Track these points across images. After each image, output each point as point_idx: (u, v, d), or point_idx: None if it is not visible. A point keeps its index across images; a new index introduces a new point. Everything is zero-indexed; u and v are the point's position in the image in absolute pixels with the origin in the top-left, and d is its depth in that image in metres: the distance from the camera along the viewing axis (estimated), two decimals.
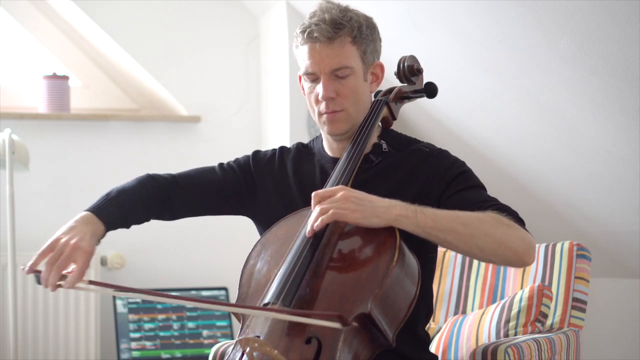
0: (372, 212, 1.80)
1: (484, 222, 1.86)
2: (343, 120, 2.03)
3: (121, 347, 3.71)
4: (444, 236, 1.83)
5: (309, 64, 2.00)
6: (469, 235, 1.84)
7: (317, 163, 2.12)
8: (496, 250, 1.86)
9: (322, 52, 1.99)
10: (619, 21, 2.59)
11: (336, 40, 1.99)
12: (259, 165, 2.17)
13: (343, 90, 2.01)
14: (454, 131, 3.65)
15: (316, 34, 1.98)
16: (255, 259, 1.97)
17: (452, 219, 1.84)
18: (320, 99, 2.01)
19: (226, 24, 4.10)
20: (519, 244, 1.88)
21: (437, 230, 1.82)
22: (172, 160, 4.03)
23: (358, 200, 1.80)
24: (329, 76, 2.00)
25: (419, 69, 2.17)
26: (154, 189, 2.09)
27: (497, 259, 1.89)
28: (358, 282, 1.78)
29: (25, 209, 3.75)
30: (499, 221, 1.87)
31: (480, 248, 1.85)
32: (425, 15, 3.20)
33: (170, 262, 3.99)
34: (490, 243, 1.85)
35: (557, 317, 2.46)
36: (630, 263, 3.57)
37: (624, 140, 3.03)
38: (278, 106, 3.98)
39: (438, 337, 2.51)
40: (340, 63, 2.00)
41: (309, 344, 1.72)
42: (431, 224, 1.82)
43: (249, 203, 2.15)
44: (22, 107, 3.93)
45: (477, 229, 1.84)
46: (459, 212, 1.87)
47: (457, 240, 1.84)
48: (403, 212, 1.81)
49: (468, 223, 1.84)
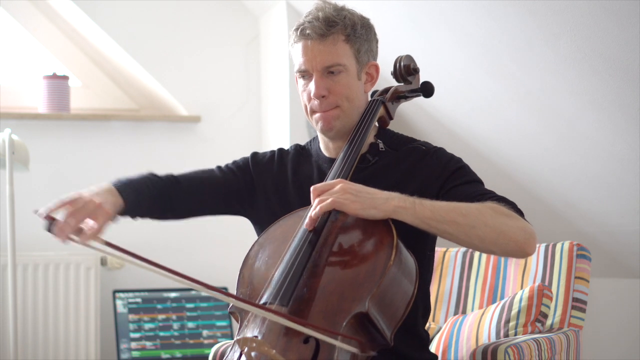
0: (370, 203, 1.80)
1: (483, 212, 1.85)
2: (336, 118, 2.03)
3: (121, 347, 3.71)
4: (444, 227, 1.83)
5: (302, 61, 2.01)
6: (469, 226, 1.83)
7: (314, 164, 2.13)
8: (496, 240, 1.85)
9: (315, 49, 1.99)
10: (619, 21, 2.59)
11: (329, 37, 1.99)
12: (257, 167, 2.17)
13: (335, 87, 2.01)
14: (454, 131, 3.65)
15: (308, 31, 1.99)
16: (253, 259, 1.97)
17: (451, 210, 1.84)
18: (312, 97, 2.01)
19: (226, 24, 4.10)
20: (519, 234, 1.87)
21: (436, 221, 1.83)
22: (172, 160, 4.03)
23: (356, 192, 1.81)
24: (321, 73, 2.00)
25: (415, 69, 2.17)
26: (158, 186, 2.08)
27: (498, 249, 1.88)
28: (355, 282, 1.78)
29: (25, 209, 3.73)
30: (498, 211, 1.87)
31: (481, 238, 1.84)
32: (425, 15, 3.20)
33: (170, 262, 3.95)
34: (490, 233, 1.85)
35: (557, 317, 2.46)
36: (630, 263, 3.57)
37: (624, 140, 3.03)
38: (278, 106, 3.98)
39: (438, 337, 2.51)
40: (333, 60, 2.00)
41: (307, 343, 1.72)
42: (429, 214, 1.82)
43: (248, 204, 2.15)
44: (22, 107, 3.93)
45: (477, 219, 1.84)
46: (458, 203, 1.87)
47: (456, 230, 1.83)
48: (401, 204, 1.82)
49: (467, 213, 1.84)
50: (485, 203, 1.88)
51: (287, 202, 2.08)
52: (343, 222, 1.88)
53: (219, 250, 4.03)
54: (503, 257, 2.29)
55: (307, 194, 1.87)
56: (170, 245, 3.98)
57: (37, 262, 3.72)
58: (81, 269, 3.76)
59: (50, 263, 3.74)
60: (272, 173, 2.15)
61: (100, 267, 3.85)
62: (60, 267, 3.74)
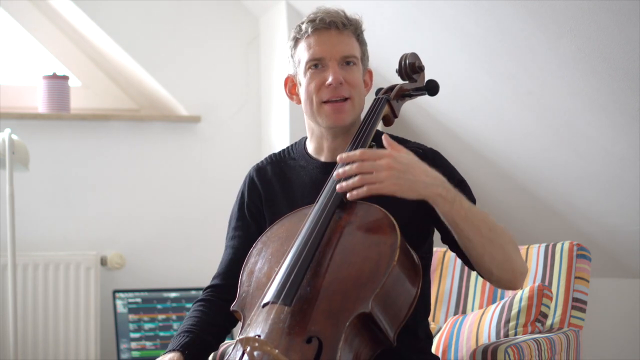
0: (410, 186, 1.79)
1: (504, 234, 1.90)
2: (348, 110, 2.01)
3: (121, 347, 3.71)
4: (468, 231, 1.85)
5: (318, 50, 2.00)
6: (489, 240, 1.87)
7: (302, 170, 2.10)
8: (502, 265, 1.90)
9: (334, 39, 2.00)
10: (619, 21, 2.59)
11: (348, 29, 2.02)
12: (249, 201, 2.14)
13: (351, 78, 2.01)
14: (454, 131, 3.65)
15: (331, 20, 1.99)
16: (256, 257, 1.97)
17: (482, 219, 1.87)
18: (329, 84, 1.99)
19: (226, 24, 4.10)
20: (521, 269, 1.94)
21: (465, 223, 1.85)
22: (172, 160, 4.03)
23: (400, 173, 1.79)
24: (338, 62, 2.00)
25: (421, 67, 2.16)
26: (212, 320, 2.07)
27: (497, 273, 1.92)
28: (359, 281, 1.77)
29: (25, 209, 3.75)
30: (512, 242, 1.93)
31: (492, 256, 1.89)
32: (425, 15, 3.20)
33: (170, 262, 3.99)
34: (501, 255, 1.89)
35: (557, 317, 2.46)
36: (630, 263, 3.57)
37: (624, 140, 3.03)
38: (278, 106, 3.98)
39: (438, 337, 2.51)
40: (350, 51, 2.01)
41: (310, 343, 1.72)
42: (463, 215, 1.84)
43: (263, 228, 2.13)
44: (22, 107, 3.93)
45: (498, 238, 1.88)
46: (488, 215, 1.90)
47: (477, 239, 1.86)
48: (444, 194, 1.82)
49: (493, 229, 1.88)
50: (506, 230, 1.93)
51: (281, 216, 2.05)
52: (347, 221, 1.88)
53: (219, 250, 4.02)
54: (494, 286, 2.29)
55: (301, 205, 1.90)
56: (171, 245, 3.99)
57: (37, 262, 3.72)
58: (81, 269, 3.76)
59: (50, 263, 3.74)
60: (260, 196, 2.13)
61: (100, 267, 3.85)
62: (60, 267, 3.74)
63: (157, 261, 3.97)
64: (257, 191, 2.14)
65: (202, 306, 2.09)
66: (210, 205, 4.02)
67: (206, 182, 4.06)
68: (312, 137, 2.11)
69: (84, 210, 3.89)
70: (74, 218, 3.87)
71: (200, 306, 2.10)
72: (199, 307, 2.09)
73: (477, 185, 3.70)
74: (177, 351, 1.97)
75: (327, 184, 1.95)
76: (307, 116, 2.08)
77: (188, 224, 4.04)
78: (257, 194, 2.13)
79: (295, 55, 2.06)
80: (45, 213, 3.83)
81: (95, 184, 3.91)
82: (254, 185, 2.14)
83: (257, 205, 2.13)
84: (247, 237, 2.11)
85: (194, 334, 2.01)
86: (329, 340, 1.71)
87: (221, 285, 2.12)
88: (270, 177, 2.13)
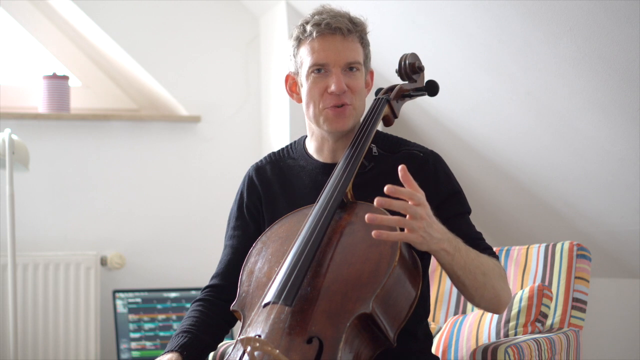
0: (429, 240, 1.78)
1: (494, 274, 1.94)
2: (350, 116, 2.01)
3: (121, 347, 3.71)
4: (464, 278, 1.89)
5: (322, 55, 1.98)
6: (482, 284, 1.91)
7: (302, 170, 2.10)
8: (491, 300, 1.95)
9: (339, 45, 1.98)
10: (619, 21, 2.59)
11: (353, 34, 2.00)
12: (248, 201, 2.14)
13: (354, 84, 2.00)
14: (454, 131, 3.65)
15: (336, 25, 1.97)
16: (255, 257, 1.97)
17: (477, 267, 1.90)
18: (331, 91, 1.98)
19: (226, 24, 4.10)
20: (506, 299, 1.99)
21: (462, 271, 1.87)
22: (172, 160, 4.03)
23: (427, 226, 1.76)
24: (342, 69, 1.99)
25: (421, 67, 2.16)
26: (212, 320, 2.08)
27: (484, 305, 1.98)
28: (360, 282, 1.77)
29: (25, 209, 3.75)
30: (501, 275, 1.96)
31: (482, 296, 1.93)
32: (426, 15, 3.20)
33: (170, 262, 3.99)
34: (491, 294, 1.94)
35: (557, 317, 2.46)
36: (630, 263, 3.57)
37: (624, 140, 3.03)
38: (278, 106, 3.98)
39: (438, 337, 2.51)
40: (354, 57, 2.00)
41: (310, 343, 1.72)
42: (462, 264, 1.87)
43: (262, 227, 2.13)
44: (22, 107, 3.93)
45: (490, 280, 1.92)
46: (483, 258, 1.93)
47: (470, 284, 1.90)
48: (447, 249, 1.83)
49: (486, 273, 1.91)
50: (494, 261, 1.97)
51: (280, 216, 2.05)
52: (348, 221, 1.88)
53: (219, 250, 4.02)
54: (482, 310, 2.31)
55: (300, 205, 1.91)
56: (171, 245, 3.98)
57: (37, 262, 3.72)
58: (81, 269, 3.76)
59: (50, 263, 3.74)
60: (260, 196, 2.13)
61: (100, 267, 3.85)
62: (60, 267, 3.74)
63: (157, 261, 3.97)
64: (256, 191, 2.14)
65: (200, 306, 2.09)
66: (210, 205, 4.02)
67: (206, 182, 4.06)
68: (312, 137, 2.11)
69: (83, 210, 3.89)
70: (74, 218, 3.87)
71: (199, 306, 2.09)
72: (198, 307, 2.09)
73: (477, 185, 3.70)
74: (175, 352, 1.96)
75: (327, 184, 1.95)
76: (308, 118, 2.07)
77: (188, 223, 4.04)
78: (256, 193, 2.13)
79: (298, 56, 2.04)
80: (45, 213, 3.83)
81: (95, 184, 3.91)
82: (253, 185, 2.14)
83: (256, 205, 2.13)
84: (246, 237, 2.11)
85: (192, 335, 2.01)
86: (329, 341, 1.71)
87: (220, 285, 2.12)
88: (269, 176, 2.13)
